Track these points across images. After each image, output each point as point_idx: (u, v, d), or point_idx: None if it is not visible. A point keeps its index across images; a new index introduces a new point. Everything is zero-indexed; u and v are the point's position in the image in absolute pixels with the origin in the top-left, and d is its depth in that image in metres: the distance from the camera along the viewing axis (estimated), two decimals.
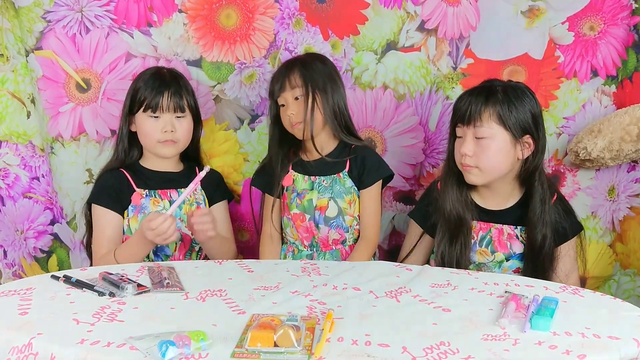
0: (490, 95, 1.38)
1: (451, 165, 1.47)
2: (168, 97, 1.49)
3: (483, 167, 1.39)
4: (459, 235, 1.45)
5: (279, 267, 1.27)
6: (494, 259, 1.47)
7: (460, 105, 1.42)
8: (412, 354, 0.85)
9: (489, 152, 1.38)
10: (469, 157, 1.39)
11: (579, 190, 1.81)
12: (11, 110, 1.68)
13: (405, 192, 1.82)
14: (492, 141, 1.38)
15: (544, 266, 1.43)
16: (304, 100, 1.49)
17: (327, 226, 1.56)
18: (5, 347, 0.89)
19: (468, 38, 1.75)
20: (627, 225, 1.83)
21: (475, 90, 1.42)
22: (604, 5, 1.73)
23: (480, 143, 1.38)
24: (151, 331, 0.90)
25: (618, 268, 1.87)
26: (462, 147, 1.40)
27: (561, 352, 0.86)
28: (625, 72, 1.77)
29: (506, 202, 1.48)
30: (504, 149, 1.39)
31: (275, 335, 0.85)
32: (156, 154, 1.55)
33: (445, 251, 1.46)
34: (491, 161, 1.39)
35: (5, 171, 1.70)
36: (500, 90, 1.39)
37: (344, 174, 1.56)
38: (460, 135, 1.43)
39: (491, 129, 1.37)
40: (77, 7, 1.61)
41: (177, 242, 1.55)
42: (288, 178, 1.58)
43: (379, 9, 1.71)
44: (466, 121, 1.39)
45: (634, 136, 1.63)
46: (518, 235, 1.47)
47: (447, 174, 1.48)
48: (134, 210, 1.53)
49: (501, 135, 1.38)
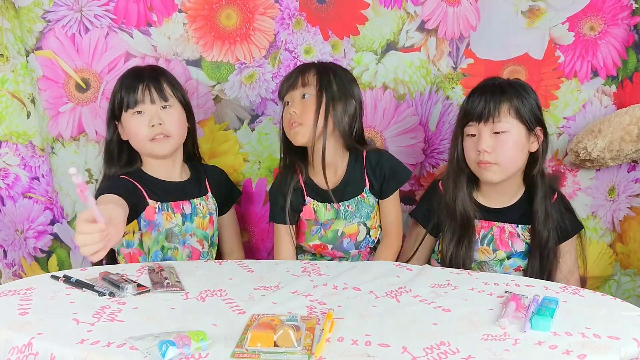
0: (505, 90, 1.40)
1: (461, 166, 1.47)
2: (145, 87, 1.41)
3: (502, 162, 1.40)
4: (466, 235, 1.45)
5: (279, 267, 1.27)
6: (496, 257, 1.48)
7: (472, 104, 1.42)
8: (412, 354, 0.85)
9: (507, 146, 1.39)
10: (488, 154, 1.39)
11: (579, 190, 1.81)
12: (11, 110, 1.68)
13: (405, 192, 1.82)
14: (509, 135, 1.39)
15: (548, 263, 1.44)
16: (314, 101, 1.40)
17: (357, 249, 1.52)
18: (5, 347, 0.89)
19: (468, 38, 1.75)
20: (627, 225, 1.83)
21: (485, 88, 1.43)
22: (604, 5, 1.73)
23: (499, 138, 1.39)
24: (151, 331, 0.89)
25: (618, 268, 1.87)
26: (480, 144, 1.40)
27: (561, 352, 0.86)
28: (625, 72, 1.77)
29: (508, 200, 1.49)
30: (520, 142, 1.41)
31: (275, 335, 0.85)
32: (151, 154, 1.47)
33: (453, 252, 1.46)
34: (509, 156, 1.40)
35: (5, 171, 1.70)
36: (510, 85, 1.43)
37: (366, 192, 1.49)
38: (473, 133, 1.42)
39: (509, 122, 1.39)
40: (76, 7, 1.60)
41: (185, 257, 1.49)
42: (308, 210, 1.48)
43: (379, 9, 1.71)
44: (484, 118, 1.39)
45: (634, 136, 1.63)
46: (519, 233, 1.47)
47: (457, 175, 1.47)
48: (147, 226, 1.45)
49: (517, 128, 1.40)
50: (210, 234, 1.55)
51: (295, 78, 1.44)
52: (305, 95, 1.42)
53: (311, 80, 1.42)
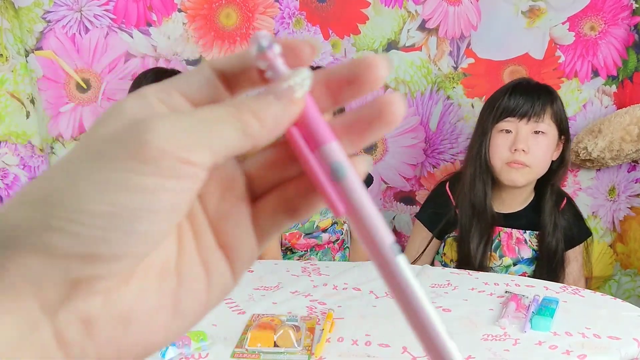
0: (550, 92, 1.40)
1: (487, 165, 1.40)
2: None
3: (535, 164, 1.37)
4: (489, 234, 1.41)
5: (279, 267, 1.27)
6: (502, 264, 1.44)
7: (514, 100, 1.37)
8: (412, 354, 0.84)
9: (542, 148, 1.37)
10: (525, 153, 1.35)
11: (579, 190, 1.81)
12: (10, 111, 1.68)
13: (405, 192, 1.81)
14: (546, 138, 1.38)
15: (556, 271, 1.41)
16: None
17: (327, 233, 1.59)
18: None
19: (469, 38, 1.75)
20: (628, 225, 1.83)
21: (528, 87, 1.40)
22: (605, 5, 1.72)
23: (537, 139, 1.37)
24: None
25: (618, 268, 1.87)
26: (517, 143, 1.35)
27: (561, 352, 0.86)
28: (625, 72, 1.77)
29: (518, 205, 1.46)
30: (552, 147, 1.40)
31: (275, 335, 0.85)
32: None
33: (481, 255, 1.40)
34: (542, 159, 1.38)
35: (4, 171, 1.70)
36: (548, 88, 1.42)
37: None
38: (509, 129, 1.38)
39: (549, 125, 1.38)
40: (76, 7, 1.60)
41: None
42: None
43: (380, 8, 1.71)
44: (528, 116, 1.36)
45: (634, 136, 1.63)
46: (527, 239, 1.45)
47: (484, 173, 1.40)
48: None
49: (553, 132, 1.39)
50: None
51: None
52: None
53: None
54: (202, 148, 0.21)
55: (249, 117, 0.22)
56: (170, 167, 0.20)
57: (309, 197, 0.25)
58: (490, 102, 1.44)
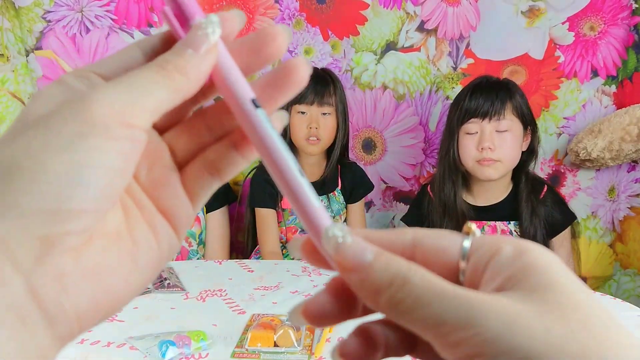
0: (508, 88, 1.42)
1: (457, 164, 1.46)
2: None
3: (504, 159, 1.41)
4: (460, 230, 1.44)
5: (279, 267, 1.27)
6: None
7: (475, 102, 1.42)
8: None
9: (508, 144, 1.40)
10: (492, 151, 1.40)
11: (579, 190, 1.81)
12: (11, 110, 1.68)
13: (405, 192, 1.82)
14: (511, 133, 1.41)
15: None
16: (334, 118, 1.53)
17: None
18: None
19: (468, 38, 1.75)
20: (627, 225, 1.83)
21: (487, 86, 1.43)
22: (604, 5, 1.73)
23: (502, 136, 1.40)
24: (151, 331, 0.90)
25: (618, 268, 1.87)
26: (483, 142, 1.40)
27: None
28: (625, 72, 1.77)
29: (497, 197, 1.49)
30: (519, 140, 1.43)
31: (275, 335, 0.85)
32: None
33: None
34: (510, 153, 1.41)
35: None
36: (507, 83, 1.44)
37: (337, 191, 1.62)
38: (474, 131, 1.42)
39: (511, 121, 1.41)
40: (77, 7, 1.61)
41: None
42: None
43: (379, 9, 1.71)
44: (489, 116, 1.40)
45: (634, 136, 1.63)
46: (512, 230, 1.48)
47: (453, 173, 1.47)
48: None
49: (517, 126, 1.42)
50: (197, 232, 1.56)
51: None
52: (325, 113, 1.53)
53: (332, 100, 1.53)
54: (140, 111, 0.24)
55: (174, 74, 0.25)
56: (115, 130, 0.23)
57: (228, 157, 0.29)
58: (454, 103, 1.49)
